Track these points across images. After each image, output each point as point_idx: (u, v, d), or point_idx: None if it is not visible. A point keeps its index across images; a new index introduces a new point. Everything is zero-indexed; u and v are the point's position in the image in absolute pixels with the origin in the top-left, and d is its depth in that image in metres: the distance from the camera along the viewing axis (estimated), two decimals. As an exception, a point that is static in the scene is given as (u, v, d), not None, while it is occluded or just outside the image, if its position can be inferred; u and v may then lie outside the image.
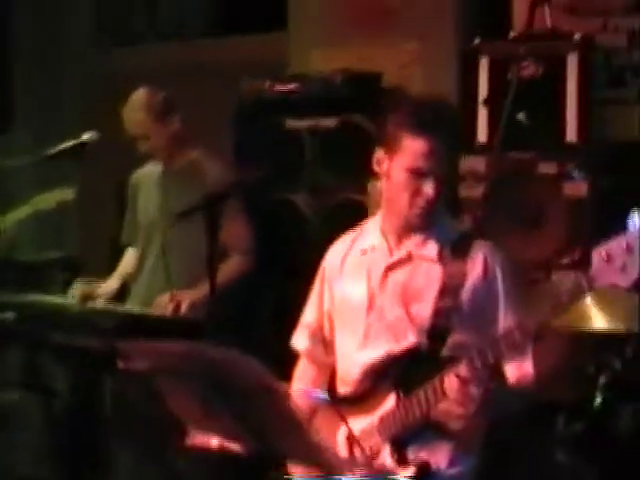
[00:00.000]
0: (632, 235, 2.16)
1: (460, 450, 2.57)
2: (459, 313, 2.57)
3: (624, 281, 2.18)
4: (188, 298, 3.70)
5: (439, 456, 2.55)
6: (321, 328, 2.83)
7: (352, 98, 4.04)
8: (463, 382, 2.39)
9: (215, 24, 5.44)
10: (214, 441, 2.59)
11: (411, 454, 2.52)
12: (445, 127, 2.59)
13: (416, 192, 2.61)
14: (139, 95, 4.03)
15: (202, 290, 3.59)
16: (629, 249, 2.17)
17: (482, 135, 4.24)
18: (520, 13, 4.44)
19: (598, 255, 2.20)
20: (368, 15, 4.46)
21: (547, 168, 4.10)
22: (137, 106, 3.99)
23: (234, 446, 2.46)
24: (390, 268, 2.67)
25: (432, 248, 2.65)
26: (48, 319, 3.50)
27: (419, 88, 4.30)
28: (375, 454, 2.57)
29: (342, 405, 2.63)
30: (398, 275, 2.66)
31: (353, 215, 3.94)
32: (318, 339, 2.84)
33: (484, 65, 4.26)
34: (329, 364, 2.82)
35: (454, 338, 2.56)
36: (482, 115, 4.25)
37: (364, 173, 3.92)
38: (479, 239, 2.68)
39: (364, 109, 4.00)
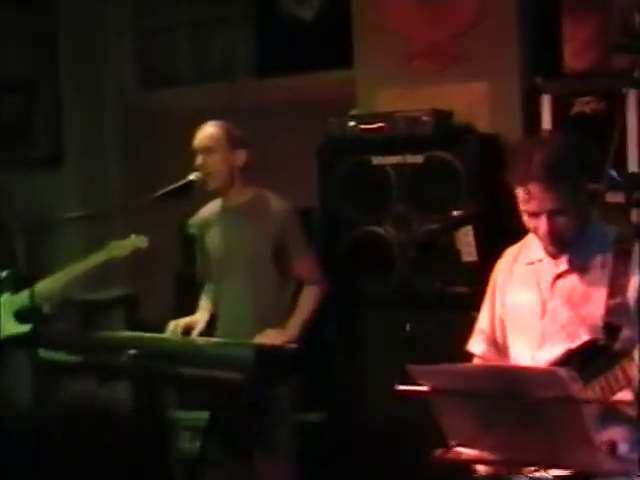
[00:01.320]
0: None
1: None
2: (627, 310, 2.85)
3: None
4: (288, 337, 3.94)
5: (619, 441, 2.72)
6: (494, 333, 3.15)
7: (436, 135, 4.32)
8: None
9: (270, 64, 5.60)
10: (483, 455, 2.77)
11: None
12: (549, 173, 2.89)
13: (536, 229, 2.96)
14: (212, 126, 4.16)
15: (295, 328, 3.93)
16: None
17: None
18: (572, 51, 4.77)
19: None
20: (436, 55, 4.74)
21: (614, 198, 4.43)
22: (209, 136, 4.12)
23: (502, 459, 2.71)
24: (558, 277, 2.98)
25: (594, 257, 2.96)
26: (174, 354, 3.73)
27: (486, 125, 4.61)
28: None
29: None
30: (566, 282, 2.96)
31: (439, 245, 4.31)
32: (492, 343, 3.15)
33: (546, 102, 4.59)
34: (505, 362, 3.10)
35: (624, 333, 2.83)
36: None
37: (448, 204, 4.29)
38: (637, 241, 2.96)
39: (448, 146, 4.29)
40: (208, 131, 4.16)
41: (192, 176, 4.10)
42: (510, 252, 3.21)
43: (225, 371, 3.48)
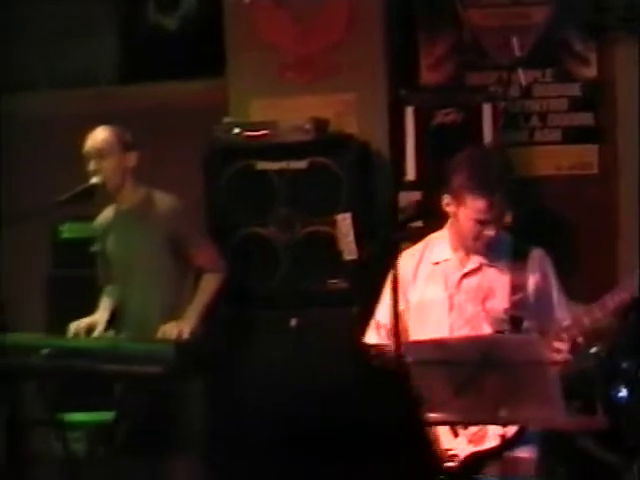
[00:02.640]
0: None
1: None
2: (527, 305, 3.29)
3: None
4: (188, 326, 4.11)
5: None
6: (394, 327, 3.38)
7: (318, 142, 4.62)
8: None
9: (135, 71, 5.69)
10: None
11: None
12: (501, 186, 3.28)
13: (478, 235, 3.31)
14: (104, 130, 4.30)
15: (194, 317, 4.11)
16: None
17: (410, 174, 4.95)
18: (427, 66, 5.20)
19: None
20: (307, 67, 5.03)
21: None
22: (102, 141, 4.26)
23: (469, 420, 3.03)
24: (464, 276, 3.35)
25: (499, 259, 3.36)
26: (91, 352, 3.84)
27: (355, 134, 4.94)
28: None
29: None
30: (472, 280, 3.36)
31: (321, 244, 4.62)
32: (390, 337, 3.43)
33: (409, 113, 4.98)
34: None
35: (525, 325, 3.28)
36: (410, 156, 4.96)
37: (330, 208, 4.60)
38: (533, 247, 3.40)
39: (329, 152, 4.59)
40: (100, 135, 4.30)
41: (94, 179, 4.21)
42: (412, 252, 3.54)
43: (145, 366, 3.63)
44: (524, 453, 3.25)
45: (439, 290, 3.39)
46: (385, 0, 5.04)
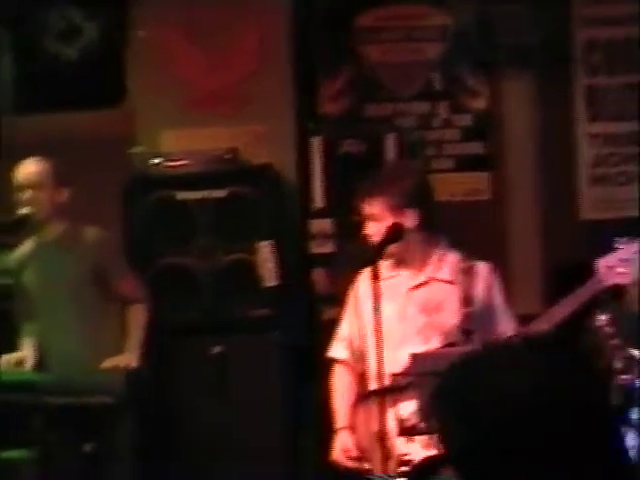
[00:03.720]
0: (626, 250, 3.26)
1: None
2: (475, 318, 3.52)
3: (624, 280, 3.26)
4: (134, 356, 4.17)
5: None
6: (354, 341, 3.67)
7: (238, 172, 4.77)
8: None
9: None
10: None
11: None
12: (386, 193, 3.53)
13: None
14: (38, 162, 4.33)
15: (136, 347, 4.17)
16: (625, 260, 3.26)
17: (318, 202, 5.15)
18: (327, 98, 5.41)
19: (603, 264, 3.28)
20: (217, 99, 5.17)
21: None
22: (36, 173, 4.29)
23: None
24: (414, 289, 3.54)
25: (446, 272, 3.58)
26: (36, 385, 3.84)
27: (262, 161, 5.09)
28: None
29: (388, 395, 3.48)
30: (422, 293, 3.56)
31: (241, 272, 4.75)
32: (352, 350, 3.68)
33: (316, 143, 5.18)
34: (359, 369, 3.66)
35: (476, 337, 3.49)
36: (317, 185, 5.17)
37: (250, 236, 4.73)
38: (479, 262, 3.63)
39: (249, 181, 4.75)
40: (34, 167, 4.30)
41: (24, 210, 4.20)
42: (367, 272, 3.73)
43: (95, 397, 3.67)
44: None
45: (391, 304, 3.59)
46: (292, 35, 5.23)
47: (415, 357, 3.25)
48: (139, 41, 5.16)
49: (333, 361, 3.77)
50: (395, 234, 3.51)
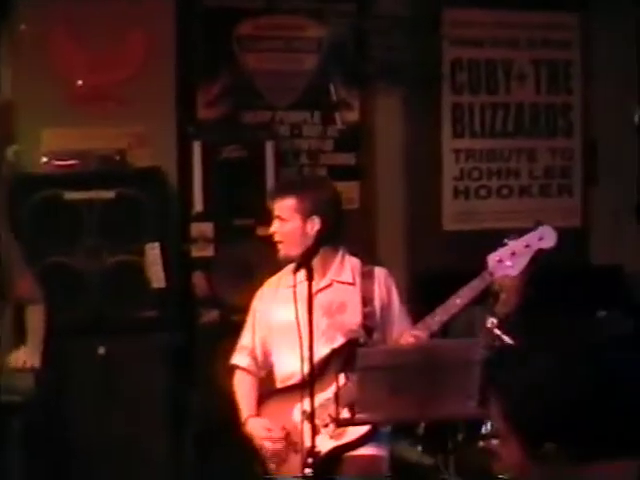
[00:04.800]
0: (515, 245, 3.49)
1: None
2: (376, 317, 3.69)
3: (512, 272, 3.49)
4: (37, 355, 4.09)
5: None
6: (256, 349, 3.80)
7: (127, 173, 4.76)
8: None
9: None
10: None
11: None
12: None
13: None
14: None
15: (39, 346, 4.12)
16: (513, 253, 3.49)
17: (198, 205, 5.20)
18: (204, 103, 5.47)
19: (493, 258, 3.50)
20: (99, 99, 5.13)
21: (263, 231, 5.21)
22: None
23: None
24: (317, 292, 3.65)
25: (347, 276, 3.73)
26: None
27: (147, 164, 5.11)
28: (331, 421, 3.54)
29: (291, 393, 3.63)
30: (324, 296, 3.68)
31: (128, 274, 4.74)
32: (254, 357, 3.80)
33: (197, 148, 5.23)
34: (261, 374, 3.80)
35: (376, 335, 3.67)
36: (198, 189, 5.21)
37: (138, 237, 4.73)
38: (377, 267, 3.79)
39: (137, 182, 4.75)
40: None
41: None
42: (270, 282, 3.85)
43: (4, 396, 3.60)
44: (379, 451, 3.64)
45: (295, 308, 3.69)
46: (175, 38, 5.26)
47: (361, 353, 3.37)
48: (21, 35, 5.06)
49: (235, 368, 3.85)
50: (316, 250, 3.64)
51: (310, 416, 3.52)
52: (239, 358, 3.84)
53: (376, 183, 5.68)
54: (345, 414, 3.48)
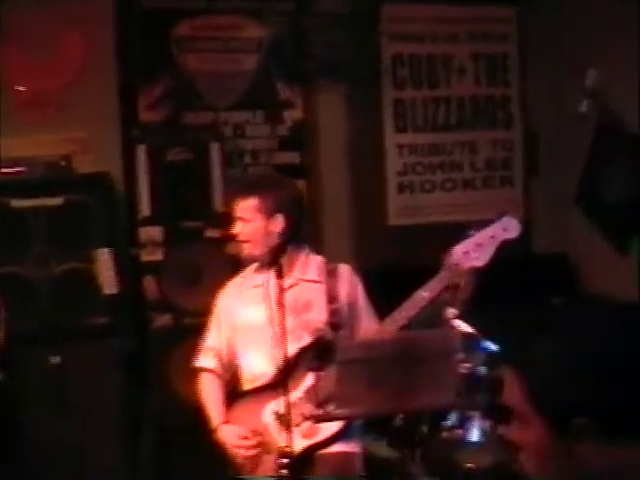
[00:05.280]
0: (480, 236, 3.51)
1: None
2: (342, 314, 3.67)
3: (478, 263, 3.51)
4: None
5: None
6: (222, 350, 3.76)
7: (74, 179, 4.69)
8: None
9: None
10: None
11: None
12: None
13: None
14: None
15: None
16: (479, 245, 3.51)
17: (145, 210, 5.13)
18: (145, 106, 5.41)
19: (458, 250, 3.50)
20: (42, 105, 5.04)
21: (212, 233, 5.18)
22: None
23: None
24: (283, 291, 3.62)
25: (313, 274, 3.72)
26: None
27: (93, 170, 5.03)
28: (305, 419, 3.52)
29: (260, 394, 3.61)
30: (290, 294, 3.63)
31: (78, 281, 4.66)
32: (220, 358, 3.76)
33: (142, 151, 5.16)
34: (227, 376, 3.75)
35: (342, 332, 3.64)
36: (144, 193, 5.15)
37: (86, 244, 4.66)
38: (341, 264, 3.79)
39: (85, 189, 4.68)
40: None
41: None
42: (234, 283, 3.81)
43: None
44: (352, 448, 3.64)
45: (261, 308, 3.68)
46: (116, 40, 5.19)
47: (341, 347, 3.35)
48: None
49: (201, 370, 3.81)
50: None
51: (283, 416, 3.51)
52: (205, 360, 3.80)
53: (321, 181, 5.67)
54: (317, 412, 3.48)
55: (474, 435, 4.00)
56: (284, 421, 3.52)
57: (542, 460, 1.64)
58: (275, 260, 3.66)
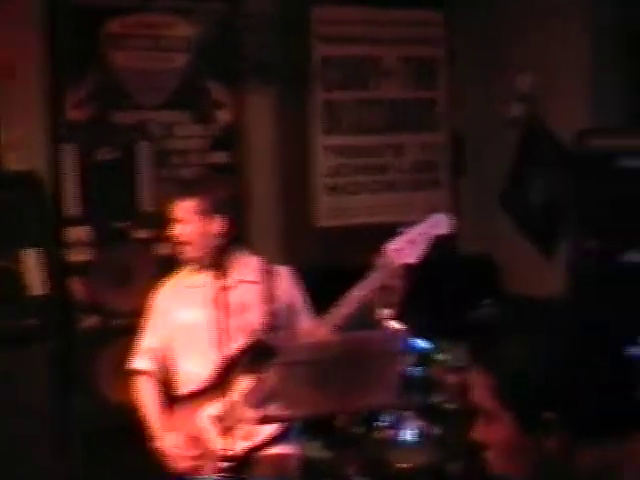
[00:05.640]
0: (411, 233, 3.54)
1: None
2: (281, 315, 3.69)
3: (411, 260, 3.55)
4: None
5: None
6: (158, 352, 3.75)
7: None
8: None
9: None
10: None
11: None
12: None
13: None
14: None
15: None
16: (410, 241, 3.54)
17: (74, 209, 5.07)
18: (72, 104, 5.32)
19: (391, 247, 3.53)
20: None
21: (140, 234, 5.13)
22: None
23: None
24: (223, 292, 3.61)
25: (251, 275, 3.70)
26: None
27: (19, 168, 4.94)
28: (245, 421, 3.52)
29: (197, 397, 3.61)
30: (229, 296, 3.63)
31: (4, 281, 4.57)
32: (157, 360, 3.75)
33: (70, 150, 5.09)
34: (164, 377, 3.74)
35: (280, 333, 3.66)
36: (72, 192, 5.08)
37: (13, 244, 4.57)
38: (278, 265, 3.78)
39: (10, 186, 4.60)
40: None
41: None
42: (169, 284, 3.79)
43: None
44: (290, 449, 3.65)
45: (200, 309, 3.66)
46: (44, 37, 5.10)
47: (284, 348, 3.36)
48: None
49: (136, 373, 3.77)
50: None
51: (220, 419, 3.50)
52: (142, 362, 3.77)
53: (249, 181, 5.66)
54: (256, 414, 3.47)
55: (407, 435, 4.06)
56: (222, 424, 3.51)
57: (510, 457, 1.66)
58: (214, 261, 3.66)
